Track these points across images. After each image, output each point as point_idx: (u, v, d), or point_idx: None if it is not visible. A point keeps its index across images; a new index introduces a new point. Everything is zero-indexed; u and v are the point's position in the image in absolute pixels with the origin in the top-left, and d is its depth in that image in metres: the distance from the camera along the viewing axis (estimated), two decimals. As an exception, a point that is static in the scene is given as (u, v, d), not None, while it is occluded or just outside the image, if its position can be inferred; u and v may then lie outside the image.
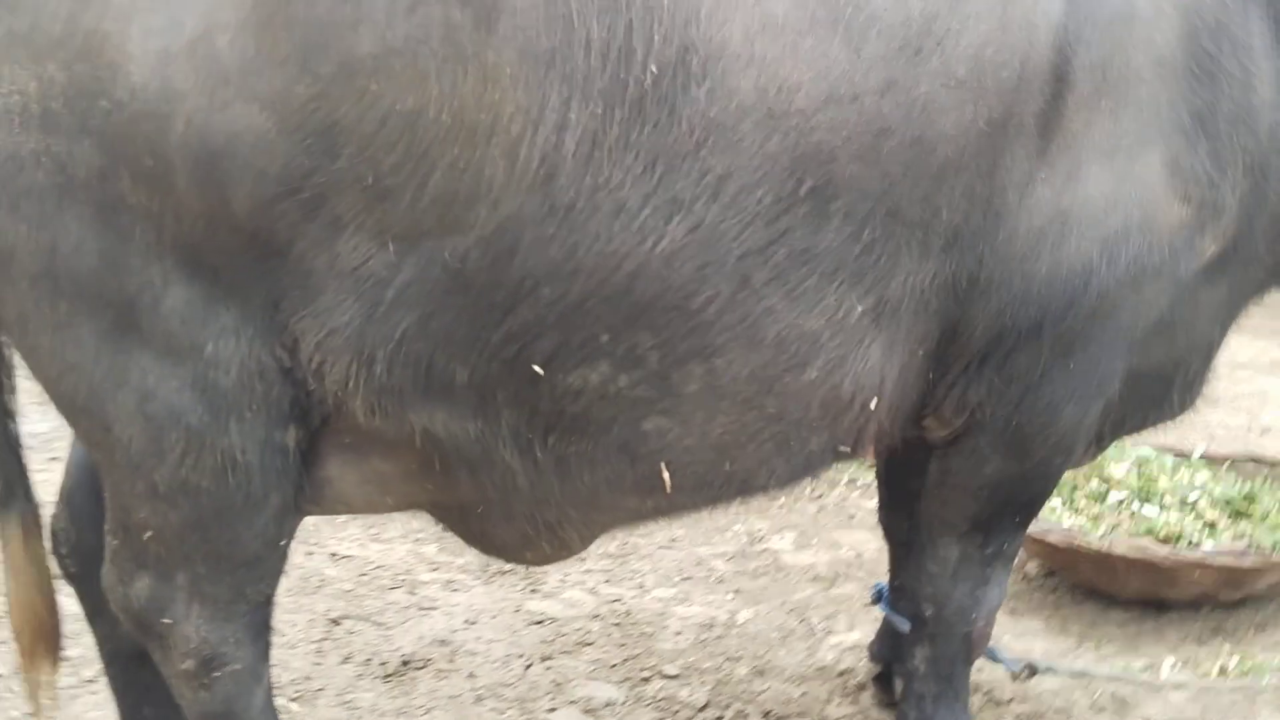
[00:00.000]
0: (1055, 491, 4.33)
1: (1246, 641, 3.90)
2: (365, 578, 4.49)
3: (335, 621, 4.12)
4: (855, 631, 4.05)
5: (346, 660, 3.87)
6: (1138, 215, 2.39)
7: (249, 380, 2.11)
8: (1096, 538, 4.01)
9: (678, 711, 3.56)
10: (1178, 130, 2.41)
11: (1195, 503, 4.23)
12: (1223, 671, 3.70)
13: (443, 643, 3.99)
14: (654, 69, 2.02)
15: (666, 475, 2.34)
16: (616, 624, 4.11)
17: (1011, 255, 2.36)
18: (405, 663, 3.85)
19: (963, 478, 2.70)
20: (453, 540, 4.72)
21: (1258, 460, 4.71)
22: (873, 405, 2.41)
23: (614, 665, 3.85)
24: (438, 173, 1.99)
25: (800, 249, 2.17)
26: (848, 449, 2.51)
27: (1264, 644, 3.88)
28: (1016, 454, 2.63)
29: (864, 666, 3.76)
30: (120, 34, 1.91)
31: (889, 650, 3.52)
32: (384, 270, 2.05)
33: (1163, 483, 4.37)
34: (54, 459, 4.12)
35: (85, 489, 2.67)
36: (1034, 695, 3.61)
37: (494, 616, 4.18)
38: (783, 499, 5.16)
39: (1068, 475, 4.36)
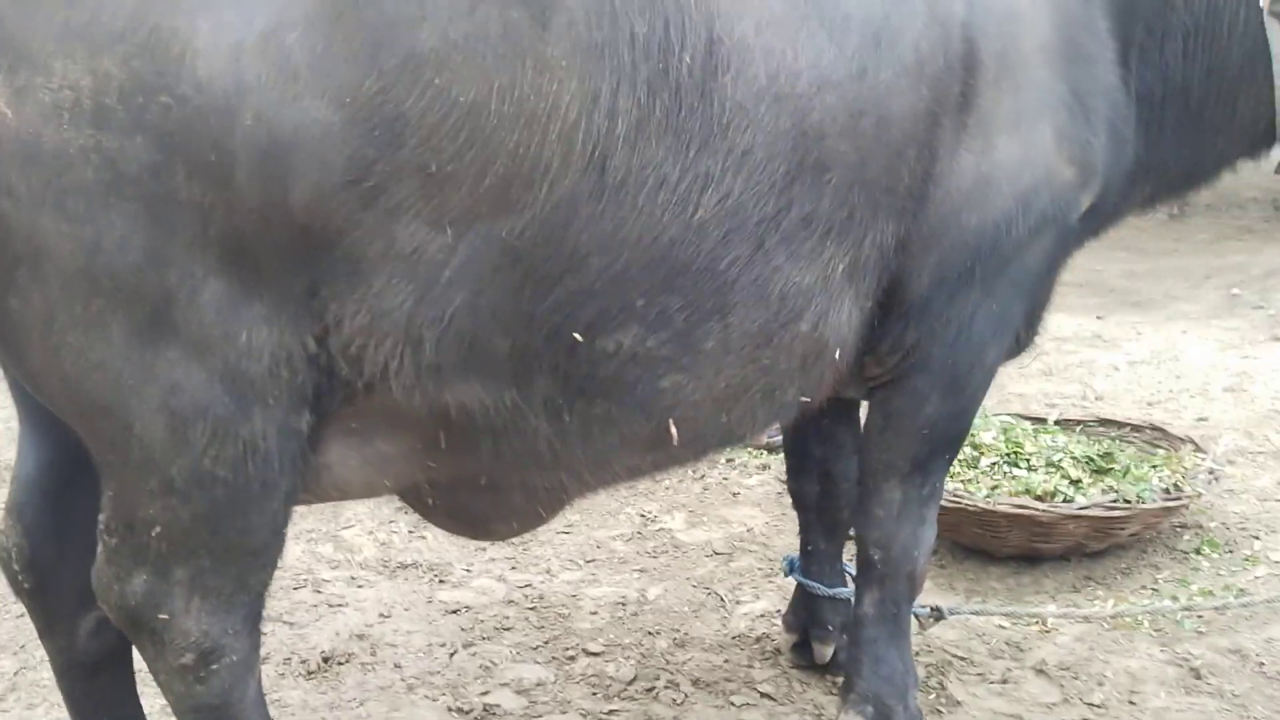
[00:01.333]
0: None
1: (1116, 586, 4.25)
2: (265, 580, 4.43)
3: (242, 625, 4.05)
4: (761, 601, 4.23)
5: (265, 660, 3.79)
6: (1042, 174, 2.74)
7: (277, 368, 2.13)
8: (981, 498, 4.30)
9: (609, 686, 3.67)
10: (1061, 105, 2.76)
11: (1060, 463, 4.57)
12: (1097, 610, 4.02)
13: (360, 637, 3.99)
14: (689, 59, 2.22)
15: (674, 430, 2.50)
16: (531, 608, 4.19)
17: (948, 212, 2.67)
18: (326, 659, 3.84)
19: (905, 420, 2.93)
20: (349, 539, 4.78)
21: (1105, 422, 5.12)
22: (837, 355, 2.65)
23: (536, 647, 3.93)
24: (499, 158, 2.09)
25: (803, 215, 2.41)
26: (808, 398, 2.71)
27: (1131, 587, 4.24)
28: (952, 391, 2.90)
29: (777, 632, 3.95)
30: (189, 29, 1.92)
31: (805, 617, 3.72)
32: (440, 253, 2.12)
33: (1029, 446, 4.71)
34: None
35: (38, 502, 2.60)
36: (937, 646, 3.86)
37: (406, 609, 4.20)
38: (668, 481, 5.31)
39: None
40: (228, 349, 2.08)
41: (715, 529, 4.89)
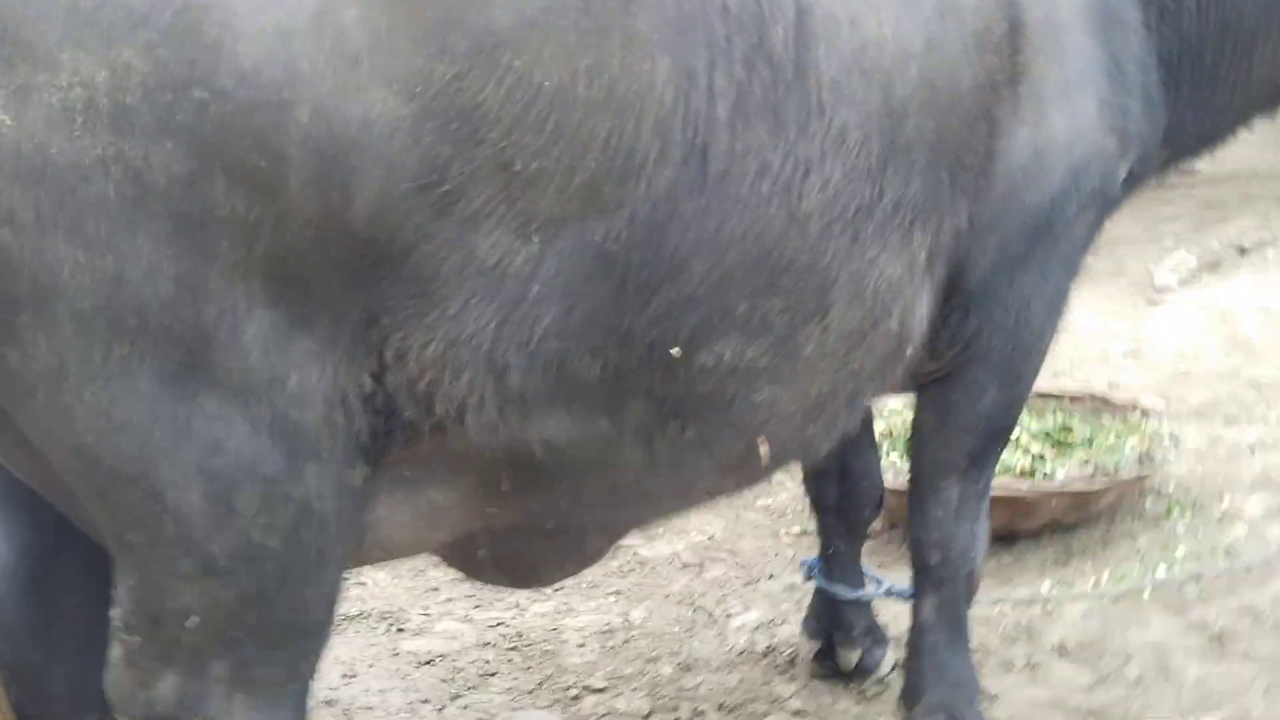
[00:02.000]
0: (894, 448, 4.53)
1: (1101, 558, 4.19)
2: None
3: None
4: (752, 611, 4.01)
5: (227, 742, 3.37)
6: (1091, 146, 2.62)
7: (331, 414, 1.80)
8: (963, 482, 4.18)
9: (628, 723, 3.39)
10: (1102, 72, 2.65)
11: (1018, 440, 4.50)
12: (1097, 586, 3.96)
13: (329, 703, 3.58)
14: (781, 31, 2.00)
15: (764, 447, 2.26)
16: (512, 648, 3.85)
17: (1008, 191, 2.52)
18: (299, 732, 3.42)
19: (962, 414, 2.78)
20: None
21: (1044, 396, 5.09)
22: (910, 352, 2.47)
23: (531, 690, 3.60)
24: (590, 151, 1.82)
25: (894, 200, 2.21)
26: (874, 401, 2.53)
27: (1116, 558, 4.18)
28: (1010, 381, 2.77)
29: (782, 643, 3.74)
30: (225, 9, 1.58)
31: (827, 622, 3.52)
32: (526, 265, 1.83)
33: (984, 426, 4.62)
34: None
35: (18, 596, 2.20)
36: (954, 640, 3.71)
37: (371, 665, 3.80)
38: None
39: (900, 430, 4.56)
40: (275, 395, 1.75)
41: (676, 540, 4.64)
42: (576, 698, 3.54)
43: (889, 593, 3.50)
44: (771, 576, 4.24)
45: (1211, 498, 4.47)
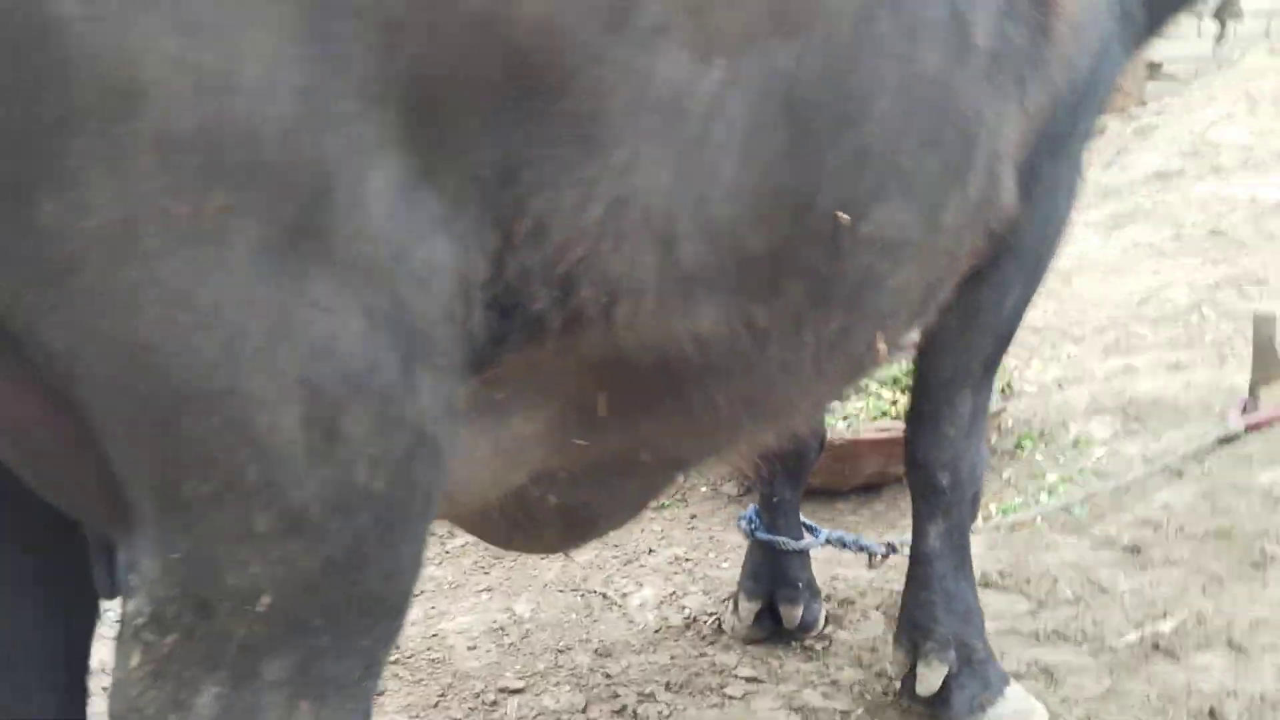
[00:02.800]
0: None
1: (975, 493, 4.12)
2: None
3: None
4: (647, 588, 3.66)
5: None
6: (1109, 18, 2.45)
7: (452, 304, 1.33)
8: (843, 428, 4.00)
9: (567, 720, 2.95)
10: None
11: (867, 386, 4.38)
12: (987, 519, 3.87)
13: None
14: None
15: (882, 343, 1.91)
16: (393, 662, 3.30)
17: (1058, 56, 2.26)
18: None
19: (989, 315, 2.55)
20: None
21: (866, 347, 5.03)
22: (985, 236, 2.18)
23: (435, 704, 3.09)
24: None
25: (1023, 46, 1.94)
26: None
27: (989, 491, 4.10)
28: (1032, 277, 2.58)
29: (699, 614, 3.43)
30: None
31: (769, 580, 3.22)
32: (707, 97, 1.43)
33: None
34: None
35: None
36: (875, 588, 3.51)
37: (224, 704, 3.15)
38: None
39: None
40: (399, 277, 1.27)
41: (526, 531, 4.20)
42: (494, 703, 3.06)
43: (829, 541, 3.26)
44: (650, 552, 3.90)
45: (1056, 427, 4.51)
